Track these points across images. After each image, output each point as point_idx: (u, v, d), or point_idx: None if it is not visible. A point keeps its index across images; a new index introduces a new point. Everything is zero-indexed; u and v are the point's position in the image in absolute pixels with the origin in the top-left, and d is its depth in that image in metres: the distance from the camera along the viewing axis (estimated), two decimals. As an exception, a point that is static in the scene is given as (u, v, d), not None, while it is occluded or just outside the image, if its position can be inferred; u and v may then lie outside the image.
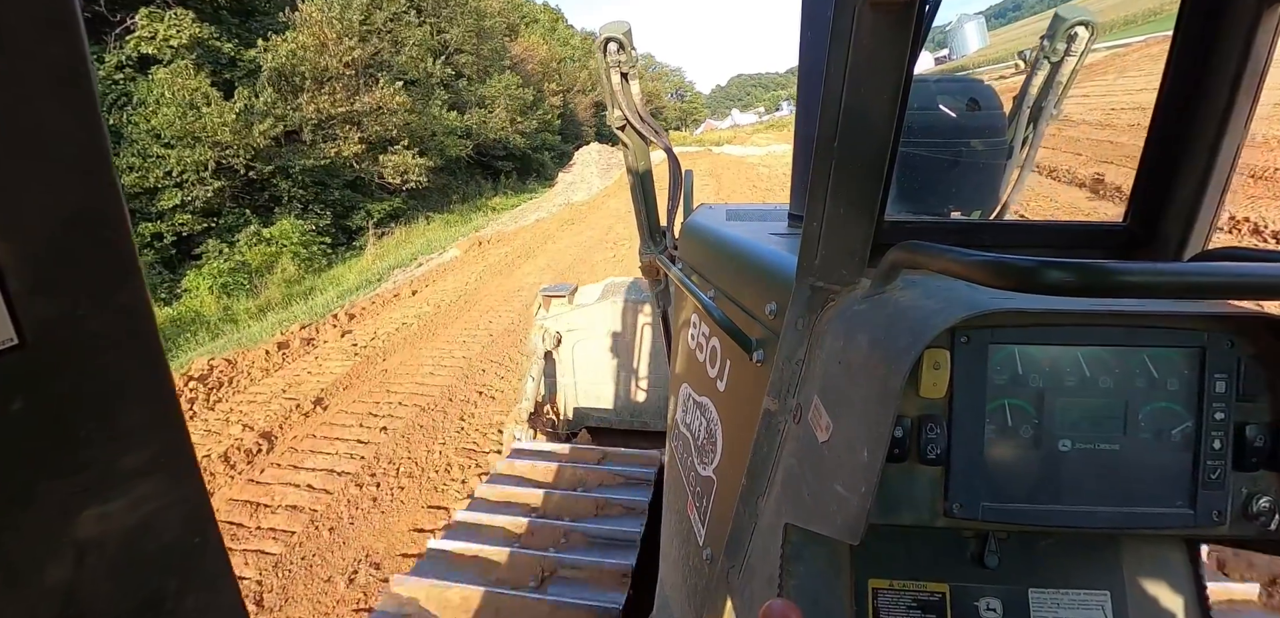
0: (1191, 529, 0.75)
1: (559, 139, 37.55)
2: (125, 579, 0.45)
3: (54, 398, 0.40)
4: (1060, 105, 1.53)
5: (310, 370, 7.20)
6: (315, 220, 17.35)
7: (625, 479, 2.95)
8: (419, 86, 21.12)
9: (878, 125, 0.74)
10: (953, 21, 3.02)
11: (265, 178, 16.44)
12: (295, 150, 16.95)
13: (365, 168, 18.99)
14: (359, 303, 10.12)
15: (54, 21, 0.37)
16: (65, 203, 0.39)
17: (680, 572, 1.42)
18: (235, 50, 16.55)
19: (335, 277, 15.04)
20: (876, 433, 0.68)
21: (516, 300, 9.23)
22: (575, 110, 44.19)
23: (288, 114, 16.54)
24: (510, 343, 7.44)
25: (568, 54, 47.54)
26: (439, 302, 9.64)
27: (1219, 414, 0.74)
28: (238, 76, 16.54)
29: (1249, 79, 0.76)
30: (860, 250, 0.82)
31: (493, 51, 28.15)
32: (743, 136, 50.92)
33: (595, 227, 15.80)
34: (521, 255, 12.84)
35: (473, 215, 22.10)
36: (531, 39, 38.71)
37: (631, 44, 1.75)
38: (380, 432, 5.44)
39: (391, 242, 18.04)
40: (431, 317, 8.85)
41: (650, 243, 2.21)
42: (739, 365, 1.16)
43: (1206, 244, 0.86)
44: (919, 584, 0.85)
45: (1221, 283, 0.52)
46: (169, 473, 0.46)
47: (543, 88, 37.11)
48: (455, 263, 13.04)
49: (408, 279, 12.25)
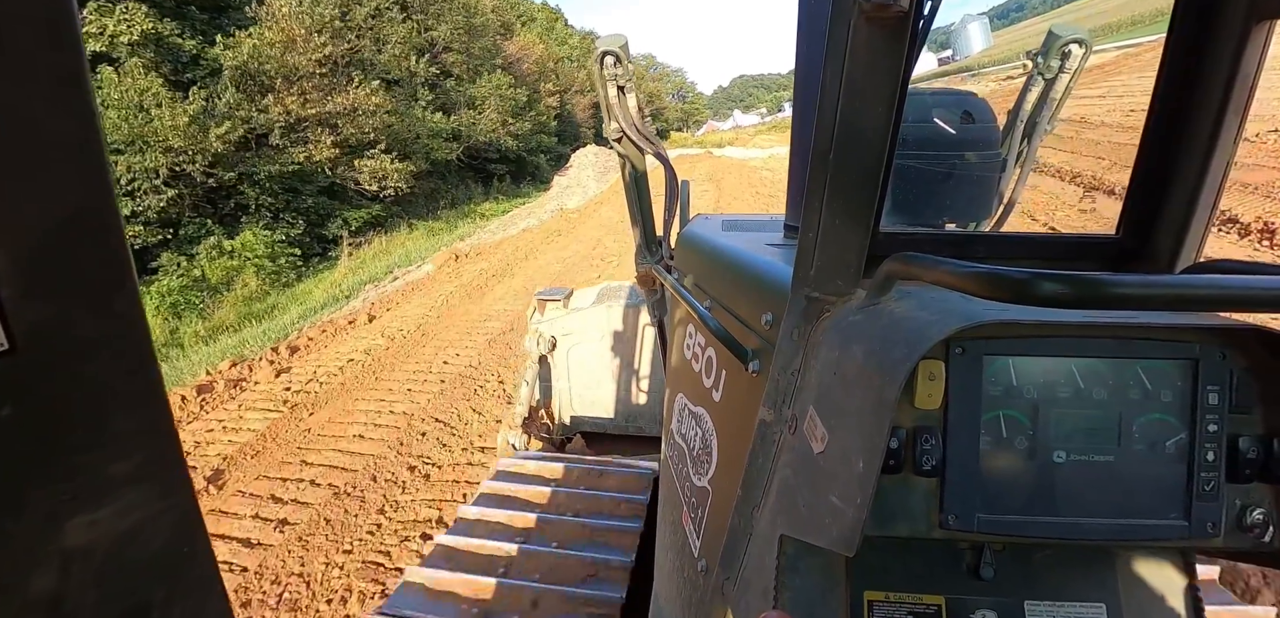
0: (1186, 541, 0.75)
1: (556, 141, 36.36)
2: (112, 588, 0.44)
3: (44, 404, 0.39)
4: (1054, 120, 1.51)
5: (226, 425, 6.00)
6: (286, 230, 16.16)
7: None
8: (402, 86, 19.91)
9: (873, 136, 0.74)
10: (955, 22, 2.84)
11: (229, 185, 15.23)
12: (260, 155, 15.71)
13: (341, 173, 17.76)
14: (306, 333, 8.91)
15: (51, 22, 0.37)
16: (60, 206, 0.38)
17: (675, 583, 1.40)
18: (199, 47, 15.33)
19: (302, 292, 13.84)
20: (872, 444, 0.68)
21: (480, 334, 8.00)
22: (573, 111, 43.01)
23: (253, 116, 15.32)
24: (463, 393, 6.21)
25: (566, 54, 46.37)
26: (396, 332, 8.42)
27: (1212, 426, 0.74)
28: (201, 76, 15.33)
29: (1238, 92, 0.77)
30: (855, 261, 0.82)
31: (484, 50, 26.76)
32: (744, 138, 49.82)
33: (583, 239, 14.58)
34: (498, 273, 11.62)
35: (459, 222, 20.89)
36: (527, 37, 37.50)
37: (628, 58, 1.72)
38: (275, 529, 4.22)
39: (369, 252, 16.85)
40: (383, 352, 7.63)
41: (647, 253, 2.19)
42: (735, 376, 1.16)
43: (1198, 256, 0.87)
44: (914, 596, 0.85)
45: (1214, 295, 0.53)
46: (158, 481, 0.46)
47: (539, 88, 35.94)
48: (426, 281, 11.83)
49: (379, 296, 11.08)
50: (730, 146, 43.93)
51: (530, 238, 15.45)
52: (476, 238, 16.75)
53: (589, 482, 2.84)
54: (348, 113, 17.23)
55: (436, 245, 16.61)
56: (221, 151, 14.29)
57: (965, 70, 2.83)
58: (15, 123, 0.36)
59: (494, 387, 6.33)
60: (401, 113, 19.43)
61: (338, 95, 16.86)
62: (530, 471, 2.93)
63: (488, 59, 26.86)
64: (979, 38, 2.77)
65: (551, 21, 46.96)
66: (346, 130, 17.47)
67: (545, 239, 15.02)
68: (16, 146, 0.36)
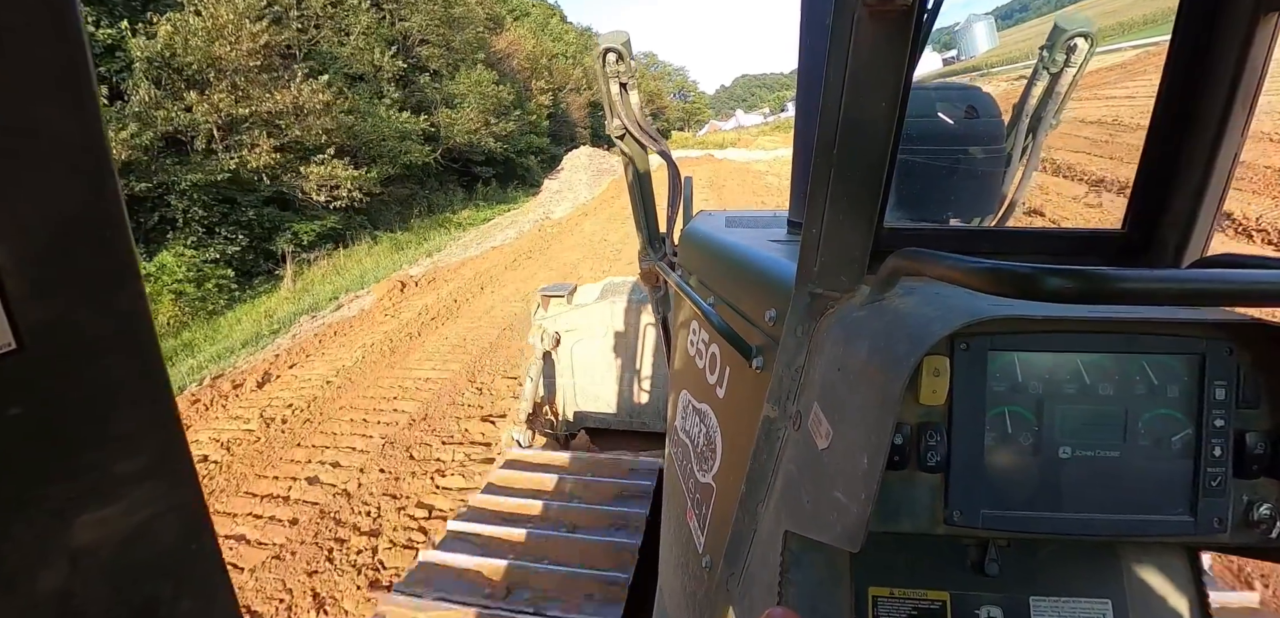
0: (1192, 537, 0.75)
1: (548, 141, 34.22)
2: (120, 585, 0.44)
3: (51, 402, 0.40)
4: (1059, 115, 1.48)
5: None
6: (222, 247, 14.04)
7: None
8: (366, 83, 17.78)
9: (877, 132, 0.73)
10: (961, 22, 2.85)
11: (148, 196, 13.11)
12: (183, 162, 13.56)
13: (288, 182, 15.61)
14: (186, 395, 6.83)
15: (54, 21, 0.37)
16: (65, 205, 0.39)
17: (679, 579, 1.40)
18: (117, 36, 13.21)
19: (226, 325, 11.70)
20: (876, 440, 0.68)
21: (383, 421, 5.83)
22: (567, 110, 40.91)
23: (177, 116, 13.19)
24: (305, 563, 4.07)
25: (561, 50, 44.24)
26: (283, 407, 6.29)
27: (1219, 421, 0.74)
28: (116, 70, 13.23)
29: (1246, 86, 0.76)
30: (859, 257, 0.82)
31: (466, 44, 24.43)
32: (748, 139, 47.60)
33: (557, 263, 12.45)
34: (442, 314, 9.46)
35: (433, 233, 18.76)
36: (519, 32, 35.38)
37: (630, 54, 1.73)
38: None
39: (318, 272, 14.75)
40: (242, 449, 5.50)
41: (650, 250, 2.17)
42: (738, 372, 1.14)
43: (1204, 251, 0.86)
44: (919, 592, 0.84)
45: (1220, 290, 0.52)
46: (166, 478, 0.46)
47: (530, 86, 33.81)
48: (359, 319, 9.71)
49: (311, 332, 9.05)
50: (732, 148, 41.83)
51: (498, 258, 13.31)
52: (442, 257, 14.68)
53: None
54: (292, 112, 15.04)
55: (398, 263, 14.53)
56: (132, 159, 12.14)
57: (973, 69, 2.84)
58: (19, 121, 0.36)
59: (366, 560, 3.92)
60: (363, 112, 17.26)
61: (280, 92, 14.67)
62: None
63: (470, 53, 24.51)
64: (985, 37, 2.80)
65: (547, 17, 44.78)
66: (293, 132, 15.30)
67: (512, 262, 12.87)
68: (21, 145, 0.36)
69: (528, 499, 2.75)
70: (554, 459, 3.02)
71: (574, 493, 2.80)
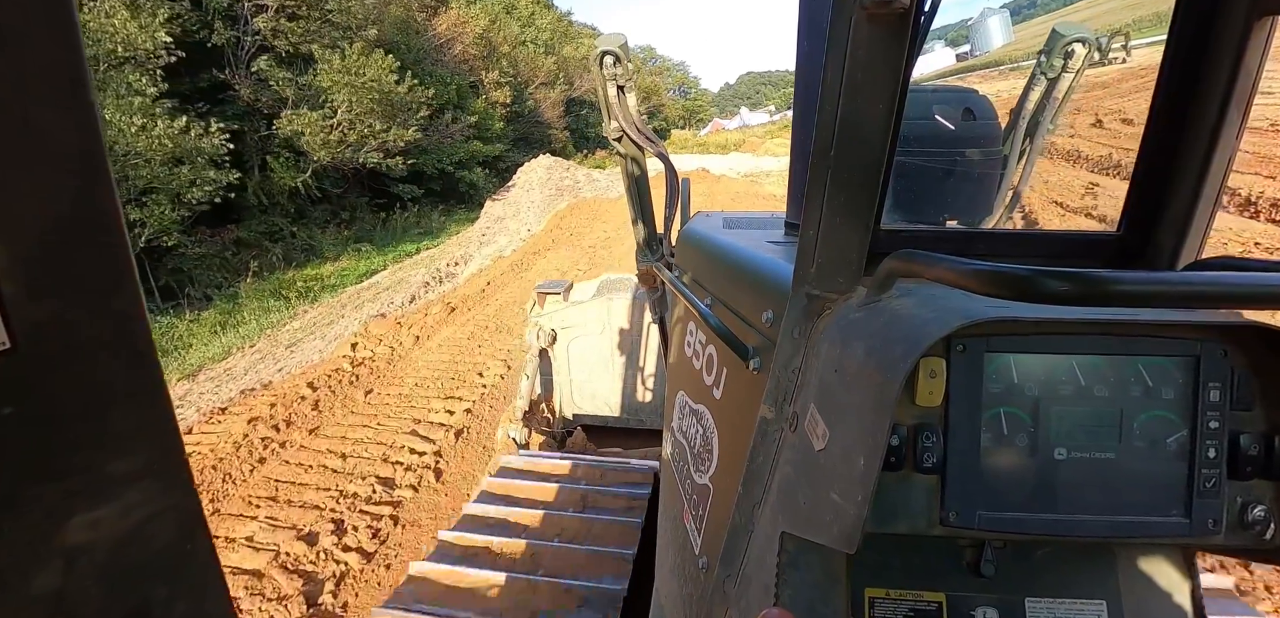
0: (1187, 538, 0.76)
1: (507, 147, 27.37)
2: (114, 586, 0.44)
3: (45, 402, 0.40)
4: (1056, 120, 1.51)
5: None
6: None
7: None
8: (108, 88, 10.82)
9: (874, 134, 0.74)
10: (974, 17, 2.91)
11: None
12: None
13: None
14: None
15: (52, 24, 0.37)
16: (61, 206, 0.39)
17: (676, 580, 1.40)
18: None
19: None
20: (872, 442, 0.69)
21: None
22: (538, 107, 34.04)
23: None
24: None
25: (532, 36, 37.33)
26: None
27: (1213, 423, 0.74)
28: None
29: (1240, 90, 0.77)
30: (856, 259, 0.82)
31: (346, 14, 17.25)
32: (754, 142, 40.64)
33: (402, 417, 5.50)
34: None
35: (271, 306, 12.01)
36: (467, 11, 28.48)
37: (628, 57, 1.74)
38: None
39: None
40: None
41: (647, 251, 2.20)
42: (735, 373, 1.16)
43: (1200, 253, 0.87)
44: (915, 593, 0.85)
45: (1215, 292, 0.52)
46: (160, 479, 0.46)
47: (480, 78, 26.94)
48: None
49: None
50: (736, 152, 34.95)
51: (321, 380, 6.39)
52: (239, 365, 7.97)
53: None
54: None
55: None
56: None
57: (991, 64, 2.66)
58: (17, 123, 0.36)
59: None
60: (115, 125, 10.35)
61: None
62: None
63: (356, 29, 17.20)
64: (999, 33, 2.78)
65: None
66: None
67: (340, 401, 5.88)
68: (18, 147, 0.36)
69: (521, 508, 2.76)
70: (548, 467, 3.08)
71: (568, 502, 2.83)
